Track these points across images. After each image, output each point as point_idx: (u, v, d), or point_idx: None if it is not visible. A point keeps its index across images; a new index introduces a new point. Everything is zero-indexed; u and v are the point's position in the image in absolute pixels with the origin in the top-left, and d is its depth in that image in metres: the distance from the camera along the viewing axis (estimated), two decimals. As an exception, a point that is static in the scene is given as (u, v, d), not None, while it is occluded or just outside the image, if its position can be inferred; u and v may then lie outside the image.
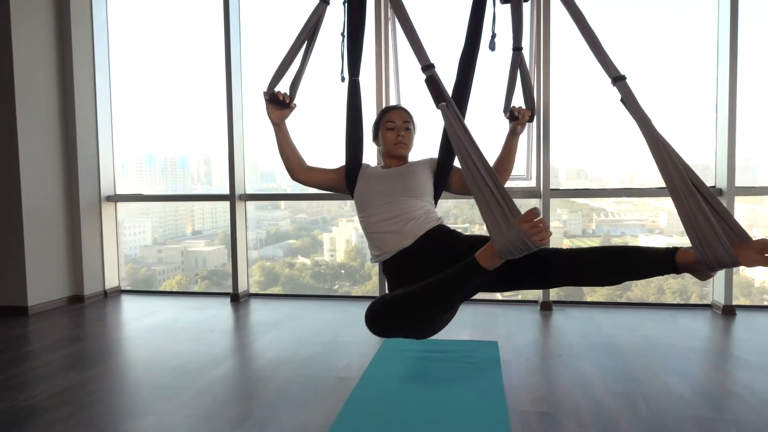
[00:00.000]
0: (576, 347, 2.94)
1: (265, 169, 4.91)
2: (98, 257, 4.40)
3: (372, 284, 4.45)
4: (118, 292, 4.57)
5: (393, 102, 3.62)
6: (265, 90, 1.97)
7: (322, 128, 4.16)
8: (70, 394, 2.35)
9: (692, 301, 3.94)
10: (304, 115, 2.20)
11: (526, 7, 2.10)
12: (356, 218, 3.54)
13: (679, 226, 1.50)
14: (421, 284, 1.64)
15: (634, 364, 2.68)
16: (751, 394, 2.25)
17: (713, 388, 2.35)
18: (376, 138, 2.26)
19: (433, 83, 1.61)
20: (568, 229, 4.54)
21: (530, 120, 2.08)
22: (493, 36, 1.98)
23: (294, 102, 2.00)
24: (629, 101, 1.65)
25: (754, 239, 1.38)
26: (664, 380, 2.44)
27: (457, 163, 2.12)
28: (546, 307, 3.79)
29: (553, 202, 3.89)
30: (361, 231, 4.56)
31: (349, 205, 4.59)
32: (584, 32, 1.69)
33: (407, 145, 2.15)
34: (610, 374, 2.53)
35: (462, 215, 4.73)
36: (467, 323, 3.45)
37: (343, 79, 2.14)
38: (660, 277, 1.69)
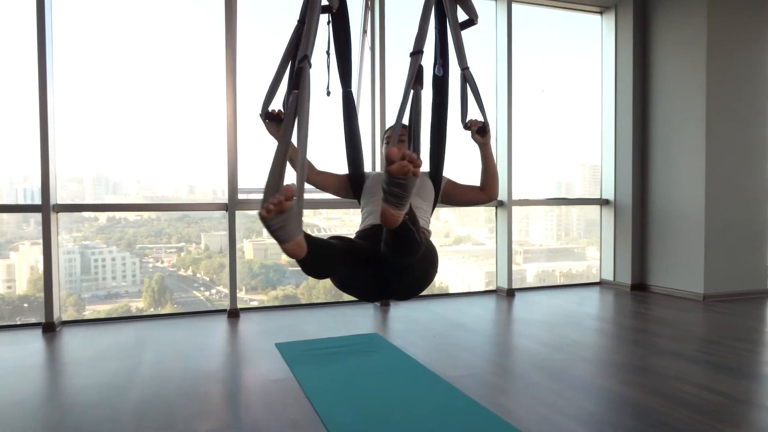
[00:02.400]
0: (438, 329, 3.55)
1: None
2: None
3: (69, 314, 3.99)
4: None
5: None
6: (260, 112, 1.99)
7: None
8: None
9: (482, 289, 5.01)
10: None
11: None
12: (42, 241, 3.40)
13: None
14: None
15: (485, 333, 3.43)
16: (536, 334, 3.21)
17: (531, 336, 3.24)
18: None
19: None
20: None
21: (483, 130, 2.25)
22: (437, 63, 2.36)
23: None
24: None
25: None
26: (511, 340, 3.24)
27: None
28: (385, 303, 4.33)
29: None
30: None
31: (32, 225, 4.07)
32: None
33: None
34: (482, 342, 3.21)
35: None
36: (330, 324, 3.74)
37: (329, 93, 2.25)
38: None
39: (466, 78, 2.28)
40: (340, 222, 5.11)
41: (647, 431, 1.98)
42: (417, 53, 1.86)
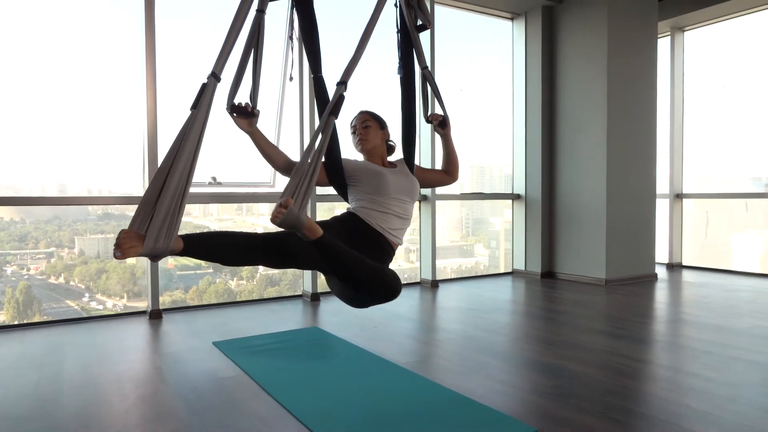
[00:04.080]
0: (377, 320, 3.58)
1: None
2: None
3: None
4: None
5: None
6: (226, 106, 1.93)
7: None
8: None
9: (411, 281, 5.12)
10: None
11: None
12: None
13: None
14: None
15: (423, 322, 3.53)
16: (470, 320, 3.41)
17: (466, 322, 3.41)
18: None
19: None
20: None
21: (443, 123, 2.41)
22: (400, 64, 2.43)
23: (257, 108, 2.00)
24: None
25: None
26: (449, 326, 3.37)
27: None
28: (315, 298, 4.28)
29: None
30: None
31: None
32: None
33: (368, 140, 2.30)
34: (423, 330, 3.30)
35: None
36: (262, 320, 3.64)
37: (291, 79, 2.19)
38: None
39: (426, 77, 2.46)
40: (233, 223, 4.97)
41: (602, 398, 2.16)
42: (343, 83, 1.89)
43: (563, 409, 2.04)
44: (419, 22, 2.40)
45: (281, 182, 4.59)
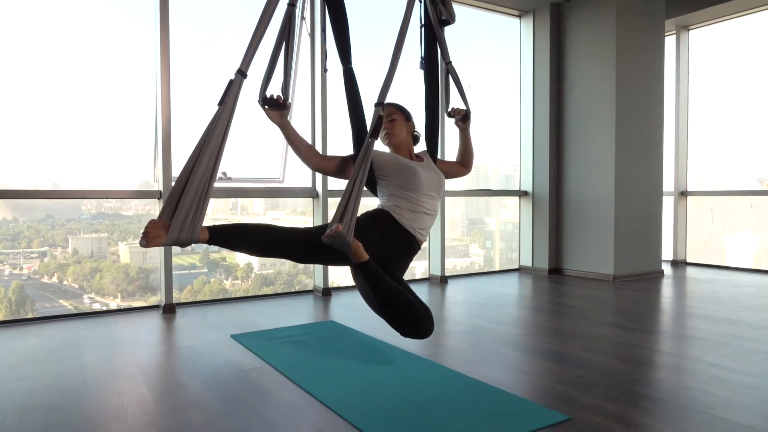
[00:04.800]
0: (390, 314, 3.59)
1: None
2: None
3: None
4: None
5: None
6: (258, 99, 1.95)
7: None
8: None
9: (419, 277, 5.13)
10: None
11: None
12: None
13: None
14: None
15: (438, 316, 3.54)
16: (484, 313, 3.42)
17: (481, 316, 3.42)
18: None
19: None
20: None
21: (466, 117, 2.46)
22: (422, 59, 2.45)
23: (289, 101, 2.02)
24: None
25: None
26: (465, 320, 3.38)
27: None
28: (326, 293, 4.29)
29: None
30: None
31: None
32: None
33: (395, 134, 2.30)
34: (440, 323, 3.30)
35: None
36: (276, 314, 3.64)
37: (325, 71, 2.20)
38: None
39: (449, 71, 2.52)
40: (228, 222, 4.95)
41: (627, 387, 2.18)
42: (380, 105, 1.97)
43: (592, 398, 2.06)
44: (443, 17, 2.43)
45: (290, 178, 4.61)
